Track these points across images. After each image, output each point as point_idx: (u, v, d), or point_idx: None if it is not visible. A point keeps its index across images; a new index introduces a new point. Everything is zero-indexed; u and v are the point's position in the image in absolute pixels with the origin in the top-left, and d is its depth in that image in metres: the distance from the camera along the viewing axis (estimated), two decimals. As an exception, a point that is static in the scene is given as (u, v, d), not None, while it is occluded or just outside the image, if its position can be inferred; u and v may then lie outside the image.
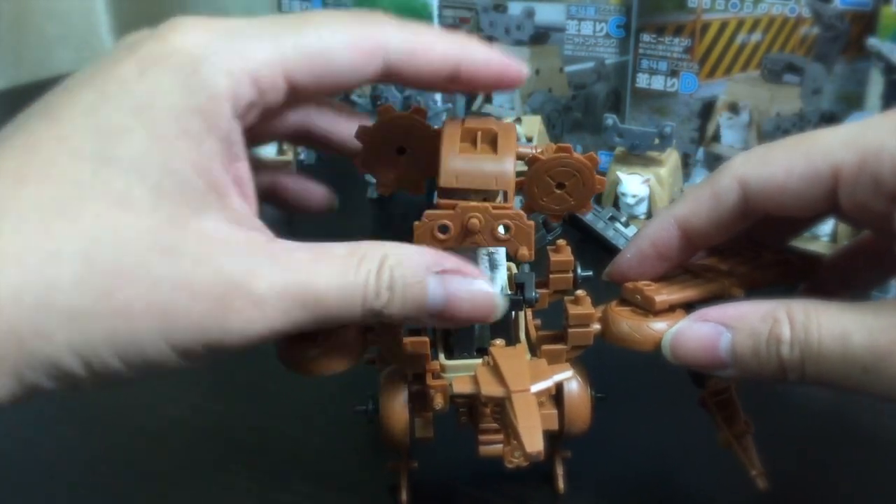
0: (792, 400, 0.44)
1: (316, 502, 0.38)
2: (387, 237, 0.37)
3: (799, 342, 0.28)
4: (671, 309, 0.33)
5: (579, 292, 0.33)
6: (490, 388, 0.29)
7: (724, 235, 0.33)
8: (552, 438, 0.37)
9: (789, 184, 0.30)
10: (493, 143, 0.31)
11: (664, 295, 0.33)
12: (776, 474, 0.34)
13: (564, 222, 0.41)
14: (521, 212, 0.31)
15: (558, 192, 0.33)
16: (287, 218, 0.74)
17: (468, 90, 0.31)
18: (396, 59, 0.29)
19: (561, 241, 0.36)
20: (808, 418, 0.43)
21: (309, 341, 0.32)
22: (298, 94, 0.28)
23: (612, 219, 0.60)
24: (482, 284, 0.29)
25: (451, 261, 0.28)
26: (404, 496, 0.37)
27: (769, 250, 0.35)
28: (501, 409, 0.29)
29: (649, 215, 0.63)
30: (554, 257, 0.36)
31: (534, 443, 0.27)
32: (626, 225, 0.59)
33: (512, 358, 0.30)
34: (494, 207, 0.30)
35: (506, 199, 0.31)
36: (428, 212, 0.30)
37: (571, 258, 0.35)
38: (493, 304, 0.29)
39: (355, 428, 0.40)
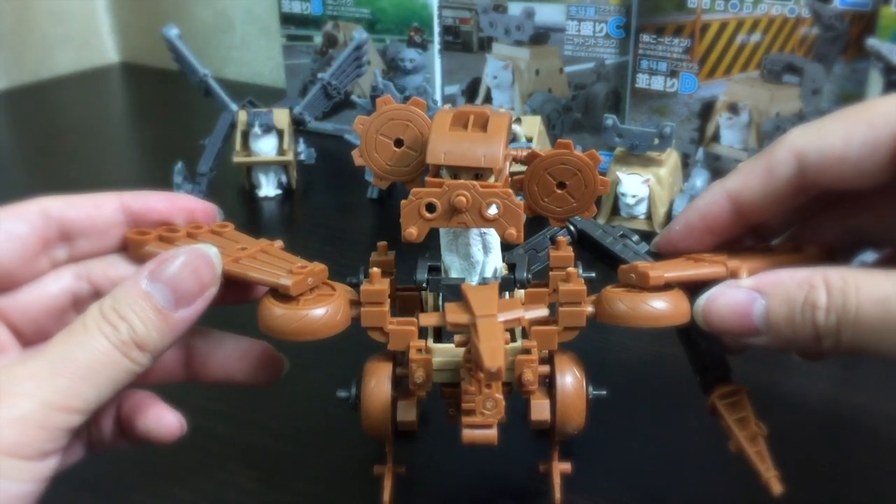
0: (790, 402, 0.44)
1: (316, 500, 0.39)
2: (386, 237, 0.37)
3: (836, 308, 0.28)
4: (667, 287, 0.32)
5: (570, 269, 0.32)
6: (456, 317, 0.29)
7: (776, 210, 0.33)
8: (547, 439, 0.36)
9: (849, 153, 0.30)
10: (484, 125, 0.30)
11: (659, 271, 0.32)
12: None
13: (573, 240, 0.40)
14: (510, 190, 0.30)
15: (559, 192, 0.32)
16: (287, 218, 0.74)
17: None
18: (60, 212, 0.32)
19: (562, 238, 0.36)
20: (808, 418, 0.44)
21: (285, 299, 0.31)
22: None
23: (623, 236, 0.59)
24: None
25: None
26: (386, 497, 0.35)
27: (785, 239, 0.35)
28: (469, 344, 0.28)
29: (649, 216, 0.63)
30: (554, 253, 0.35)
31: (494, 359, 0.26)
32: (638, 243, 0.59)
33: (482, 291, 0.30)
34: (483, 185, 0.30)
35: (497, 180, 0.31)
36: (415, 189, 0.30)
37: (571, 255, 0.35)
38: None
39: (354, 423, 0.40)
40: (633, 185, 0.62)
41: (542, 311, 0.31)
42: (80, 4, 1.16)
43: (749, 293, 0.30)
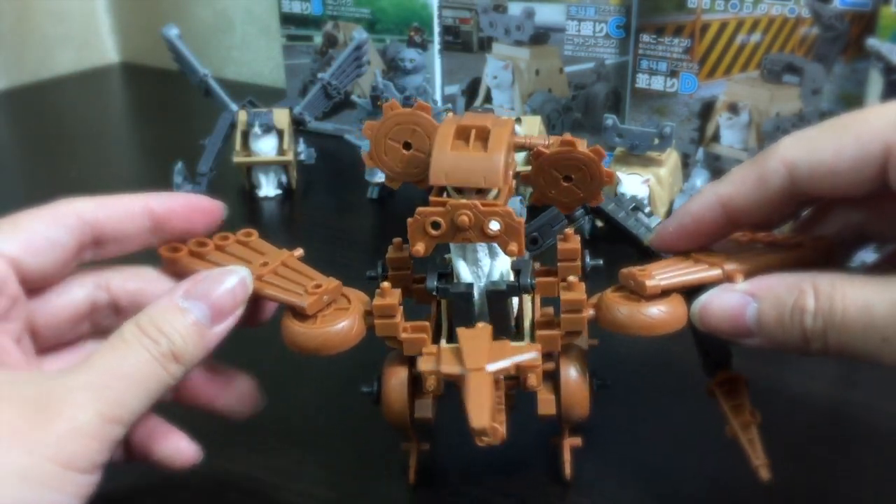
0: (791, 399, 0.44)
1: (327, 487, 0.39)
2: (386, 237, 0.37)
3: (823, 312, 0.29)
4: (665, 294, 0.33)
5: (571, 278, 0.34)
6: (449, 367, 0.30)
7: (767, 216, 0.34)
8: (556, 424, 0.38)
9: (839, 166, 0.30)
10: (485, 140, 0.31)
11: (656, 280, 0.33)
12: (776, 474, 0.34)
13: (587, 212, 0.42)
14: (511, 209, 0.31)
15: (566, 184, 0.33)
16: (287, 218, 0.74)
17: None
18: (92, 215, 0.33)
19: (569, 230, 0.36)
20: (808, 418, 0.44)
21: (303, 318, 0.33)
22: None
23: (636, 209, 0.59)
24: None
25: None
26: (412, 476, 0.38)
27: (784, 235, 0.36)
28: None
29: (649, 216, 0.63)
30: (561, 245, 0.36)
31: (480, 419, 0.27)
32: (650, 215, 0.59)
33: (474, 338, 0.31)
34: (484, 204, 0.31)
35: (500, 195, 0.32)
36: (420, 208, 0.31)
37: (578, 246, 0.36)
38: None
39: (369, 412, 0.41)
40: (633, 185, 0.62)
41: (531, 355, 0.32)
42: (80, 4, 1.16)
43: (743, 297, 0.31)
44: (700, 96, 0.68)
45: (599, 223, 0.61)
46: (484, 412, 0.27)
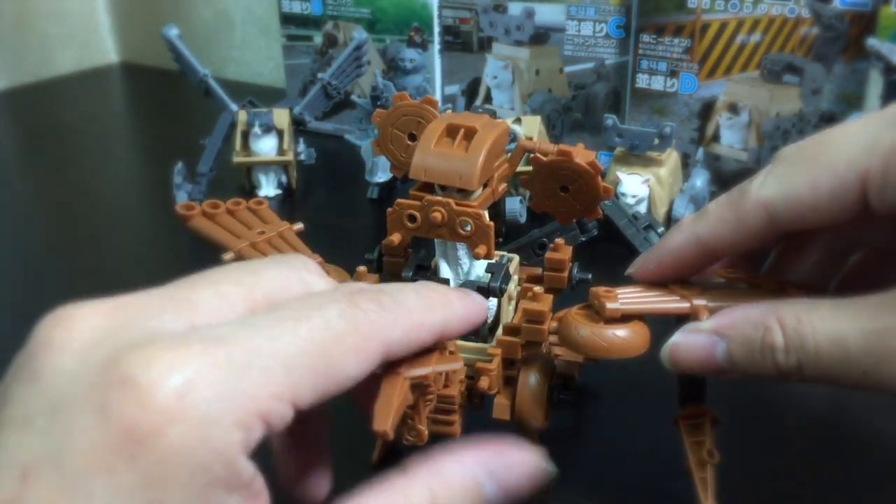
0: (791, 400, 0.44)
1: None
2: (385, 236, 0.37)
3: (795, 348, 0.28)
4: (626, 318, 0.32)
5: (537, 289, 0.34)
6: None
7: (749, 251, 0.34)
8: (523, 433, 0.37)
9: (817, 201, 0.30)
10: (471, 140, 0.31)
11: (618, 304, 0.32)
12: (774, 474, 0.34)
13: (599, 224, 0.41)
14: (482, 211, 0.31)
15: (563, 194, 0.33)
16: (287, 218, 0.74)
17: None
18: (396, 349, 0.27)
19: (559, 241, 0.36)
20: (807, 418, 0.44)
21: None
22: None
23: (648, 228, 0.59)
24: None
25: None
26: (376, 456, 0.38)
27: (768, 278, 0.35)
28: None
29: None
30: (550, 255, 0.36)
31: (379, 422, 0.27)
32: (660, 236, 0.58)
33: None
34: (458, 204, 0.31)
35: (479, 193, 0.32)
36: (399, 200, 0.32)
37: (567, 258, 0.36)
38: None
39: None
40: (633, 185, 0.62)
41: (456, 365, 0.31)
42: (80, 4, 1.16)
43: (710, 336, 0.31)
44: (700, 96, 0.68)
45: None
46: (386, 416, 0.27)
